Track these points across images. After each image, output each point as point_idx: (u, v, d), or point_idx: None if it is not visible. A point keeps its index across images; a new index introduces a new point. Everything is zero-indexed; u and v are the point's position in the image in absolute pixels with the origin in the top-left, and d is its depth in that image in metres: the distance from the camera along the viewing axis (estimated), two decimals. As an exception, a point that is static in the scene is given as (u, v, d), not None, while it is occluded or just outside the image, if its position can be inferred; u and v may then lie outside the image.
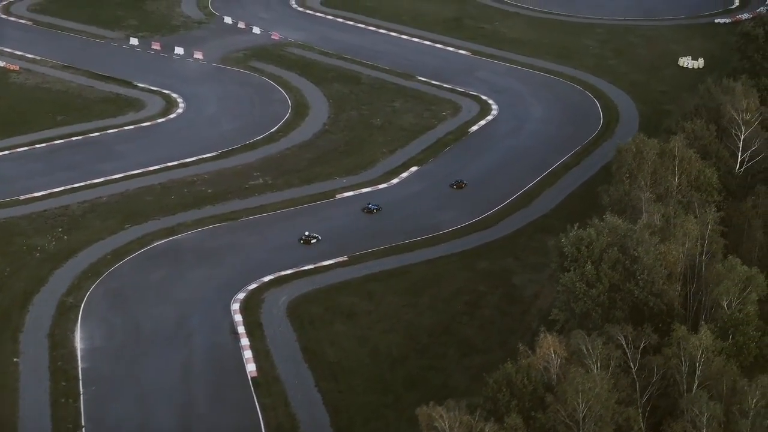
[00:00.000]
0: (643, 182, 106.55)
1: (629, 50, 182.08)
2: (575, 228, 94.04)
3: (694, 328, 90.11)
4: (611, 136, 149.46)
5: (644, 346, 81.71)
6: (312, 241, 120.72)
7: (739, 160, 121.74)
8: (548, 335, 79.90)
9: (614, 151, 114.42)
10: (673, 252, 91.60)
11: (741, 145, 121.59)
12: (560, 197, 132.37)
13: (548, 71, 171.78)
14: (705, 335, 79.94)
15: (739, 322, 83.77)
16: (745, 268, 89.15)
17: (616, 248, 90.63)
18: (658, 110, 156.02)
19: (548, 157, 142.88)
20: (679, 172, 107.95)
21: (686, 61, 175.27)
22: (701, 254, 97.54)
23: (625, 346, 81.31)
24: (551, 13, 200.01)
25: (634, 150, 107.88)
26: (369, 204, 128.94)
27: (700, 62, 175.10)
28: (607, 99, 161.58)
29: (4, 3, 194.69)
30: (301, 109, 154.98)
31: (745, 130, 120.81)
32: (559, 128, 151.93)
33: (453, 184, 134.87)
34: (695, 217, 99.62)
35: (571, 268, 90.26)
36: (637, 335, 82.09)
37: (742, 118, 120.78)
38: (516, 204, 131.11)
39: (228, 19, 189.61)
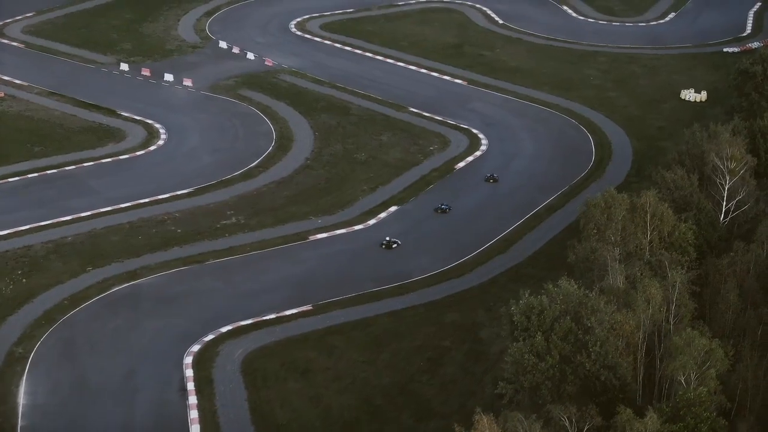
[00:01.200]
0: (613, 239, 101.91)
1: (630, 81, 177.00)
2: (526, 294, 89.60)
3: (658, 398, 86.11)
4: (601, 176, 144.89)
5: (588, 429, 77.32)
6: (393, 246, 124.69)
7: (723, 209, 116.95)
8: (483, 416, 75.53)
9: (582, 206, 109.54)
10: (630, 321, 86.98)
11: (726, 195, 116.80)
12: (540, 243, 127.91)
13: (545, 103, 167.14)
14: (651, 420, 75.57)
15: (690, 403, 79.02)
16: (704, 341, 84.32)
17: (569, 317, 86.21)
18: (653, 147, 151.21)
19: (533, 198, 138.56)
20: (651, 229, 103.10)
21: (688, 94, 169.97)
22: (668, 319, 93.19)
23: (568, 427, 76.96)
24: (555, 39, 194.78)
25: (603, 205, 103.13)
26: (441, 204, 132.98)
27: (702, 95, 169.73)
28: (602, 135, 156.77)
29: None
30: (284, 143, 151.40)
31: (730, 179, 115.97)
32: (548, 166, 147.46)
33: (489, 178, 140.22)
34: (662, 278, 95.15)
35: (521, 339, 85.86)
36: (581, 416, 77.71)
37: (727, 167, 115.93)
38: (493, 249, 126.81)
39: (223, 44, 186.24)
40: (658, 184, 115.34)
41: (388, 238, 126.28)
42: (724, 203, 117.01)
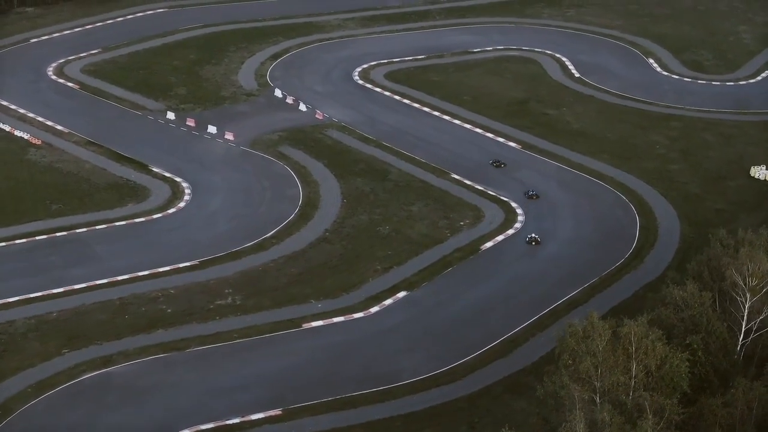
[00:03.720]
0: (593, 372, 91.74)
1: (699, 152, 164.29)
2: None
3: None
4: (638, 267, 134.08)
5: None
6: (539, 240, 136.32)
7: (743, 329, 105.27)
8: None
9: (560, 332, 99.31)
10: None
11: (746, 314, 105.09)
12: (549, 347, 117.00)
13: (599, 175, 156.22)
14: None
15: None
16: None
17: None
18: (704, 235, 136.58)
19: (555, 290, 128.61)
20: (636, 362, 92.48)
21: (759, 171, 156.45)
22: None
23: None
24: (629, 98, 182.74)
25: (581, 334, 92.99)
26: (530, 190, 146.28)
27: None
28: (651, 217, 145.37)
29: (61, 61, 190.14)
30: (309, 210, 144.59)
31: (751, 298, 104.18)
32: (583, 252, 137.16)
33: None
34: (633, 426, 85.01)
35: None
36: None
37: (748, 284, 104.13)
38: (495, 351, 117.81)
39: (278, 92, 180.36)
40: (665, 300, 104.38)
41: (533, 234, 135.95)
42: (744, 323, 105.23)
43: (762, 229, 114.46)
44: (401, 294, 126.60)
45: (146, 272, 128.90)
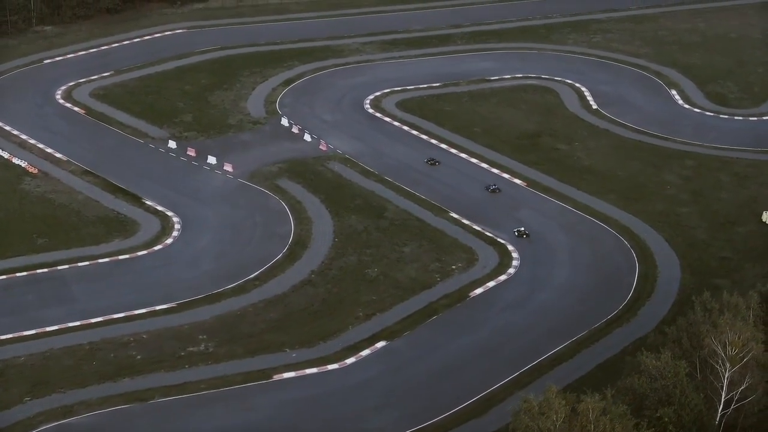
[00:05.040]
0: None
1: (710, 194, 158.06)
2: None
3: None
4: (631, 320, 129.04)
5: None
6: (528, 233, 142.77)
7: (722, 400, 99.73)
8: None
9: (514, 407, 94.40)
10: None
11: (726, 384, 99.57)
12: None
13: (603, 217, 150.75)
14: None
15: None
16: None
17: None
18: (705, 285, 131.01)
19: (543, 343, 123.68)
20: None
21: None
22: None
23: None
24: (646, 133, 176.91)
25: (536, 409, 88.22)
26: (492, 184, 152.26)
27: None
28: (652, 264, 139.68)
29: (71, 84, 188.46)
30: (297, 250, 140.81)
31: (731, 368, 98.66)
32: (576, 301, 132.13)
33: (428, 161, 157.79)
34: None
35: None
36: None
37: (728, 354, 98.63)
38: (471, 410, 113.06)
39: (284, 121, 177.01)
40: (640, 367, 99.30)
41: (522, 228, 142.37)
42: (724, 394, 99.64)
43: (758, 287, 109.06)
44: (380, 344, 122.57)
45: (121, 314, 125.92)
